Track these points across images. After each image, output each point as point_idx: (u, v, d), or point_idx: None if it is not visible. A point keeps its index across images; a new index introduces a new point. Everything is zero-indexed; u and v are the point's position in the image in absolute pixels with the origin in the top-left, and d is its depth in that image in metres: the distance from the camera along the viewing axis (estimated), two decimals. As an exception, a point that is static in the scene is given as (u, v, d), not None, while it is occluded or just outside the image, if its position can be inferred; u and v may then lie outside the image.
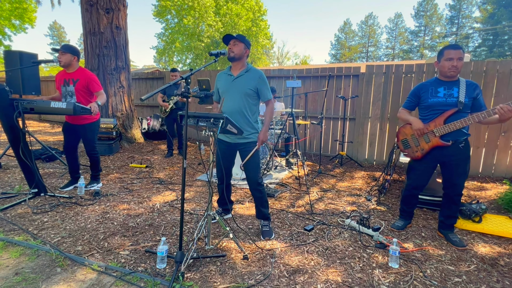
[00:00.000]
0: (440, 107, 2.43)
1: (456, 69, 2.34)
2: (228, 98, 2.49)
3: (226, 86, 2.53)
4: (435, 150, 2.50)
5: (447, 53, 2.36)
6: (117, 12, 5.99)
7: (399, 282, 1.98)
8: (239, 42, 2.43)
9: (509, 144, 4.41)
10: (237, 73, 2.51)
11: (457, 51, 2.32)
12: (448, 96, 2.40)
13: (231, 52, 2.43)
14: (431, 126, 2.48)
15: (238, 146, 2.57)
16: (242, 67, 2.52)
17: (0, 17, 17.67)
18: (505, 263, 2.23)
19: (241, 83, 2.47)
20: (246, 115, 2.50)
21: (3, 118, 2.95)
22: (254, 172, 2.54)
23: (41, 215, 2.88)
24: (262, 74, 2.51)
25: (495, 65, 4.41)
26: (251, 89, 2.47)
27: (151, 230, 2.65)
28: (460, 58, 2.33)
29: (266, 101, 2.55)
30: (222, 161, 2.62)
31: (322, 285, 1.94)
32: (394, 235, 2.67)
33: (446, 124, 2.39)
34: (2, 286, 1.84)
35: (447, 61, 2.36)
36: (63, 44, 3.37)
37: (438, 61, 2.45)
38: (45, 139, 6.89)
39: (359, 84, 5.37)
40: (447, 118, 2.40)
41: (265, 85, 2.51)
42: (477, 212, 2.84)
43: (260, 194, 2.59)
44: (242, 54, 2.46)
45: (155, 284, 1.88)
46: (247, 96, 2.48)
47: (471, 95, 2.35)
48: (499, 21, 31.94)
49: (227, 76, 2.56)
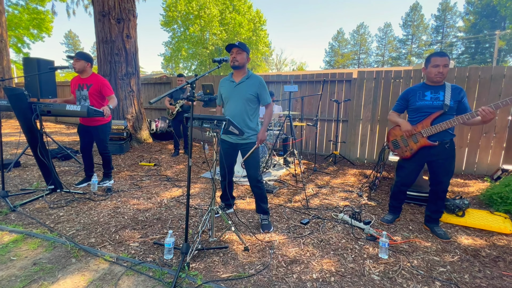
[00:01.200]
0: (427, 109, 2.43)
1: (442, 75, 2.34)
2: (231, 103, 2.50)
3: (228, 92, 2.53)
4: (423, 150, 2.50)
5: (434, 60, 2.35)
6: (127, 22, 5.98)
7: (388, 271, 1.98)
8: (242, 51, 2.42)
9: (489, 144, 4.41)
10: (238, 80, 2.50)
11: (443, 58, 2.32)
12: (435, 100, 2.41)
13: (235, 61, 2.41)
14: (419, 127, 2.48)
15: (240, 146, 2.57)
16: (244, 74, 2.52)
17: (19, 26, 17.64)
18: (486, 254, 2.23)
19: (243, 89, 2.47)
20: (247, 118, 2.51)
21: (22, 120, 2.94)
22: (254, 170, 2.54)
23: (57, 209, 2.88)
24: (261, 80, 2.52)
25: (477, 71, 4.40)
26: (252, 95, 2.47)
27: (159, 224, 2.65)
28: (446, 64, 2.33)
29: (266, 104, 2.56)
30: (224, 160, 2.62)
31: (317, 274, 1.94)
32: (384, 228, 2.66)
33: (432, 125, 2.40)
34: (22, 275, 1.84)
35: (434, 67, 2.36)
36: (77, 52, 3.37)
37: (425, 67, 2.45)
38: (61, 140, 6.88)
39: (351, 88, 5.37)
40: (434, 120, 2.40)
41: (264, 90, 2.51)
42: (461, 207, 2.84)
43: (260, 190, 2.60)
44: (244, 62, 2.46)
45: (163, 274, 1.88)
46: (248, 101, 2.48)
47: (456, 98, 2.35)
48: (481, 30, 31.96)
49: (229, 83, 2.55)
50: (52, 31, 19.45)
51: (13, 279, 1.80)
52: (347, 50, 45.48)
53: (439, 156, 2.44)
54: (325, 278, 1.89)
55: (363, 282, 1.87)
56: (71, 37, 45.40)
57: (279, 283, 1.84)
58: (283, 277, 1.89)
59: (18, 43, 19.33)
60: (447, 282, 1.87)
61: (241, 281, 1.85)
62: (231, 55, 2.44)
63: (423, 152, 2.51)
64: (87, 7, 12.20)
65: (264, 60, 33.83)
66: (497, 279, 1.92)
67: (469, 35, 33.67)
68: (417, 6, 38.51)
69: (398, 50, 41.32)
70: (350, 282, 1.87)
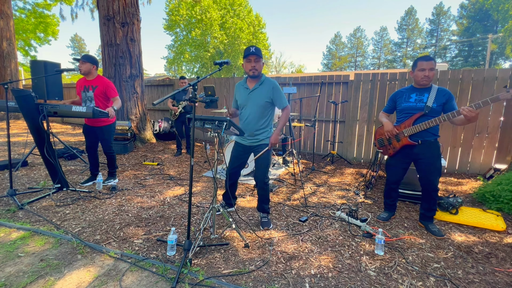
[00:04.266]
0: (410, 110, 2.46)
1: (428, 78, 2.35)
2: (246, 110, 2.47)
3: (243, 99, 2.48)
4: (405, 149, 2.53)
5: (420, 64, 2.36)
6: (131, 26, 5.98)
7: (384, 267, 1.98)
8: (259, 58, 2.32)
9: (482, 144, 4.40)
10: (252, 86, 2.44)
11: (429, 62, 2.32)
12: (418, 101, 2.43)
13: (255, 70, 2.32)
14: (402, 127, 2.51)
15: (253, 148, 2.53)
16: (257, 80, 2.45)
17: (26, 30, 17.64)
18: (479, 250, 2.23)
19: (256, 96, 2.41)
20: (262, 123, 2.47)
21: (30, 121, 2.95)
22: (262, 172, 2.51)
23: (63, 207, 2.88)
24: (275, 84, 2.42)
25: (470, 73, 4.40)
26: (266, 101, 2.41)
27: (162, 221, 2.65)
28: (432, 68, 2.33)
29: (282, 108, 2.47)
30: (235, 162, 2.59)
31: (315, 270, 1.94)
32: (380, 225, 2.66)
33: (413, 125, 2.42)
34: (29, 271, 1.84)
35: (420, 71, 2.37)
36: (83, 55, 3.37)
37: (412, 71, 2.47)
38: (67, 140, 6.88)
39: (348, 90, 5.37)
40: (415, 120, 2.42)
41: (279, 93, 2.41)
42: (454, 205, 2.84)
43: (264, 192, 2.58)
44: (261, 70, 2.39)
45: (166, 269, 1.88)
46: (262, 107, 2.42)
47: (440, 101, 2.35)
48: (474, 34, 31.97)
49: (244, 89, 2.49)
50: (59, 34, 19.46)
51: (21, 275, 1.80)
52: (344, 53, 45.46)
53: (424, 155, 2.44)
54: (323, 274, 1.90)
55: (359, 277, 1.87)
56: (77, 40, 45.40)
57: (279, 278, 1.84)
58: (282, 273, 1.89)
59: (26, 46, 19.33)
60: (441, 277, 1.88)
61: (242, 277, 1.85)
62: (248, 63, 2.33)
63: (406, 150, 2.53)
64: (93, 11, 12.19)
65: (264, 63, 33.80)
66: (490, 275, 1.92)
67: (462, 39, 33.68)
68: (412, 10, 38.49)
69: (393, 53, 41.30)
70: (347, 277, 1.87)
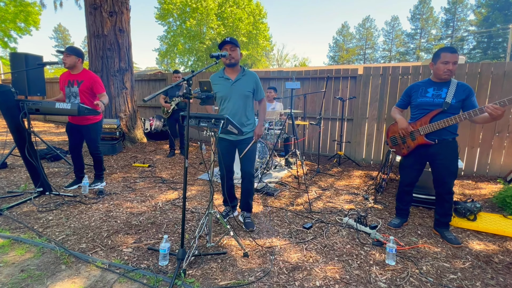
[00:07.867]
0: (427, 106, 2.45)
1: (450, 73, 2.34)
2: (230, 102, 2.54)
3: (225, 91, 2.53)
4: (420, 148, 2.52)
5: (444, 56, 2.34)
6: (120, 15, 5.99)
7: (396, 278, 1.98)
8: (235, 47, 2.45)
9: (502, 144, 4.41)
10: (234, 77, 2.53)
11: (454, 55, 2.31)
12: (436, 97, 2.42)
13: (232, 58, 2.44)
14: (417, 124, 2.50)
15: (238, 143, 2.64)
16: (238, 70, 2.57)
17: (5, 20, 17.66)
18: (499, 260, 2.23)
19: (241, 86, 2.53)
20: (246, 115, 2.59)
21: (9, 119, 2.94)
22: (249, 164, 2.63)
23: (46, 213, 2.88)
24: (256, 75, 2.63)
25: (490, 67, 4.40)
26: (250, 91, 2.56)
27: (153, 228, 2.65)
28: (455, 62, 2.32)
29: (260, 99, 2.69)
30: (224, 158, 2.66)
31: (320, 281, 1.94)
32: (391, 233, 2.67)
33: (430, 123, 2.41)
34: (9, 282, 1.84)
35: (443, 64, 2.35)
36: (67, 46, 3.37)
37: (433, 63, 2.44)
38: (50, 139, 6.88)
39: (356, 85, 5.37)
40: (432, 118, 2.42)
41: (260, 85, 2.65)
42: (472, 211, 2.84)
43: (251, 186, 2.71)
44: (239, 58, 2.51)
45: (158, 281, 1.88)
46: (246, 98, 2.56)
47: (459, 97, 2.34)
48: (493, 24, 31.93)
49: (224, 80, 2.54)
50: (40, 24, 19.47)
51: (0, 287, 1.80)
52: (352, 45, 45.47)
53: (440, 156, 2.44)
54: (329, 286, 1.89)
55: (369, 290, 1.87)
56: (61, 31, 45.42)
57: (281, 291, 1.84)
58: (284, 285, 1.89)
59: (5, 37, 19.35)
60: (458, 290, 1.88)
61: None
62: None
63: (421, 150, 2.53)
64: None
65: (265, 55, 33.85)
66: (511, 287, 1.92)
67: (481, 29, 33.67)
68: (426, -2, 38.54)
69: (406, 44, 41.32)
70: (355, 290, 1.87)
